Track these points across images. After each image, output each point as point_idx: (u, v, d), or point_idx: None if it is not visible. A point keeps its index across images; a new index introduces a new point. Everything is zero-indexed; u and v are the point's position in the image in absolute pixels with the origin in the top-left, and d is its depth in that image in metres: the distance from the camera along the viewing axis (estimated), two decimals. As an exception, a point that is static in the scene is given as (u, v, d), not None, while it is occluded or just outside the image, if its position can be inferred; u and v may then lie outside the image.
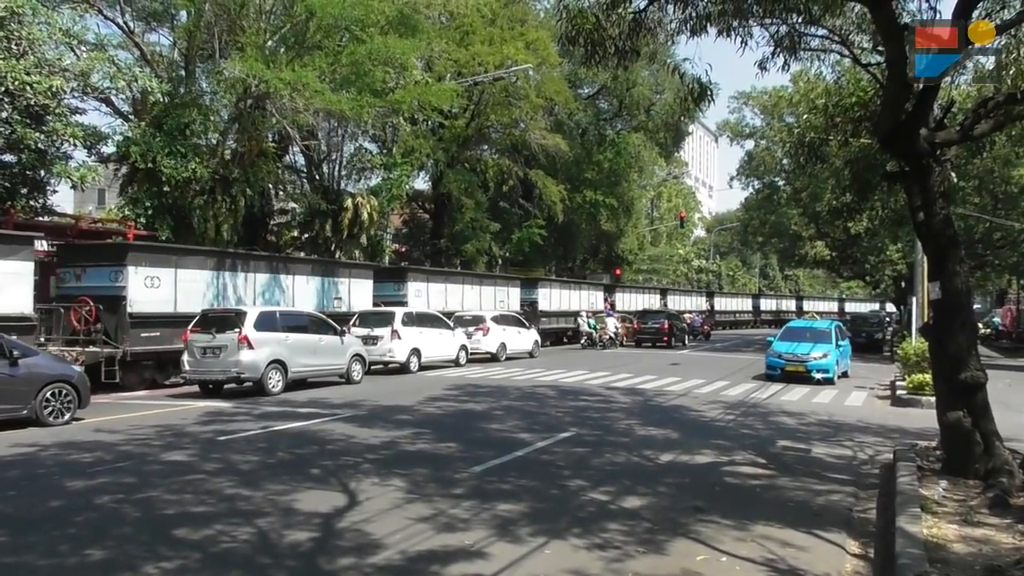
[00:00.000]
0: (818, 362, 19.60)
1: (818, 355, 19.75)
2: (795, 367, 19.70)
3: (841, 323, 23.61)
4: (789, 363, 19.84)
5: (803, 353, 19.93)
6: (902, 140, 8.68)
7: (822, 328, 22.11)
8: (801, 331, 22.04)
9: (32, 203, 18.85)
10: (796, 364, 19.75)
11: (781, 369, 19.85)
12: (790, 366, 19.78)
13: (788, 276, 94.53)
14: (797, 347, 20.26)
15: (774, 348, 20.72)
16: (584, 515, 7.23)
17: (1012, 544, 6.10)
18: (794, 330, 22.55)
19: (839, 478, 9.15)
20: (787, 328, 23.20)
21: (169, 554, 5.96)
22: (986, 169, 28.85)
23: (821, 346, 20.13)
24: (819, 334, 21.20)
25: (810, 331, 21.81)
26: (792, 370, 19.69)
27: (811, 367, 19.52)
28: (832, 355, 19.94)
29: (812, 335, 21.13)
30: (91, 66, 18.45)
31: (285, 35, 22.00)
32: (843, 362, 21.31)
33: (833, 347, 20.25)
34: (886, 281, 43.82)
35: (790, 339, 21.15)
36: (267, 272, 20.74)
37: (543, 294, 36.01)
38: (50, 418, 11.80)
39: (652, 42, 10.90)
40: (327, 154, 29.98)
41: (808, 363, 19.60)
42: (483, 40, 32.59)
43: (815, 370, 19.44)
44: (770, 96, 35.64)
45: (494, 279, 33.10)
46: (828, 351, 19.95)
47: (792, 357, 19.99)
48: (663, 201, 68.99)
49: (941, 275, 8.77)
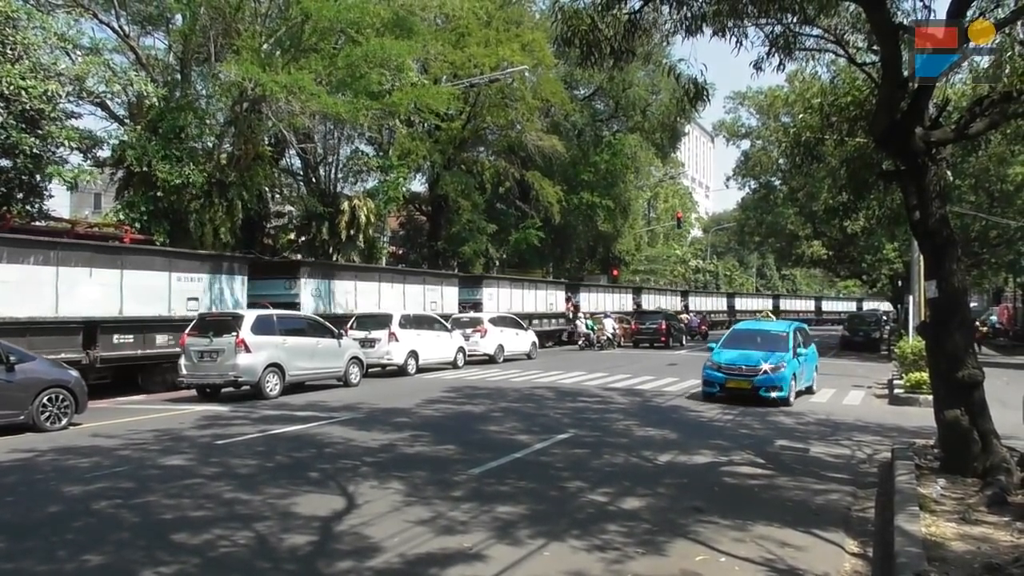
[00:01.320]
0: (769, 376, 15.10)
1: (769, 367, 15.21)
2: (738, 383, 15.40)
3: (804, 325, 19.53)
4: (731, 377, 15.50)
5: (750, 364, 15.45)
6: (898, 139, 8.70)
7: (777, 332, 17.33)
8: (750, 335, 17.44)
9: (28, 208, 18.83)
10: (739, 379, 15.40)
11: (720, 385, 15.59)
12: (732, 381, 15.46)
13: (785, 276, 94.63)
14: (743, 357, 15.82)
15: (713, 358, 16.17)
16: (583, 516, 7.23)
17: (1010, 542, 6.11)
18: (741, 334, 17.85)
19: (837, 477, 9.15)
20: (733, 332, 18.61)
21: (167, 559, 5.95)
22: (982, 167, 28.94)
23: (774, 355, 15.61)
24: (773, 339, 16.65)
25: (761, 335, 17.20)
26: (734, 386, 15.42)
27: (759, 383, 15.11)
28: (788, 367, 15.40)
29: (764, 340, 16.65)
30: (86, 70, 18.44)
31: (281, 38, 22.00)
32: (804, 375, 16.80)
33: (789, 356, 15.71)
34: (883, 280, 43.88)
35: (735, 345, 16.66)
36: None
37: (488, 294, 32.19)
38: (47, 423, 11.76)
39: (647, 43, 10.91)
40: (323, 157, 29.98)
41: (756, 378, 15.16)
42: (479, 42, 32.61)
43: (765, 387, 15.07)
44: (766, 96, 35.70)
45: (423, 276, 29.20)
46: (782, 362, 15.43)
47: (735, 370, 15.57)
48: (660, 202, 69.03)
49: (938, 274, 8.78)
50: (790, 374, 15.37)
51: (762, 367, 15.25)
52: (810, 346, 17.82)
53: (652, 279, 63.92)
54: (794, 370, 15.65)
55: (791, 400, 15.30)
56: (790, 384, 15.31)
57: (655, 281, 63.88)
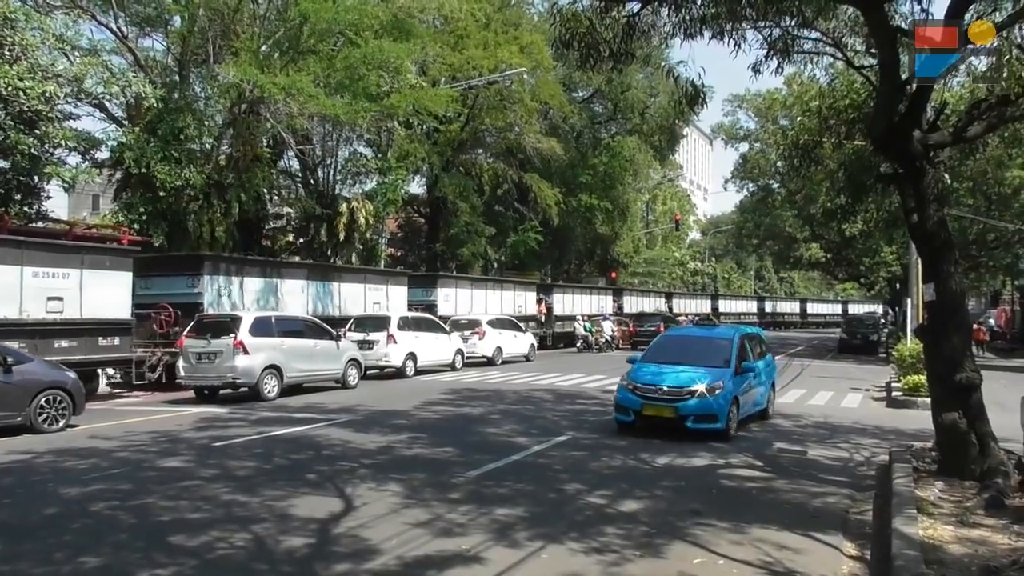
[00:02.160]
0: (699, 402, 11.31)
1: (701, 389, 11.37)
2: (658, 409, 11.53)
3: (759, 331, 16.18)
4: (649, 402, 11.58)
5: (674, 385, 11.61)
6: (896, 142, 8.72)
7: (717, 341, 13.36)
8: (682, 345, 13.58)
9: (26, 209, 18.82)
10: (659, 405, 11.53)
11: (635, 412, 11.73)
12: (650, 407, 11.56)
13: (783, 278, 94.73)
14: (667, 374, 11.93)
15: (630, 375, 12.23)
16: (581, 519, 7.22)
17: (1008, 545, 6.11)
18: (671, 344, 14.06)
19: (835, 480, 9.15)
20: (661, 340, 14.81)
21: (165, 561, 5.94)
22: (979, 171, 29.01)
23: (709, 373, 11.73)
24: (710, 351, 12.79)
25: (697, 345, 13.36)
26: (653, 414, 11.60)
27: (686, 411, 11.31)
28: (726, 387, 11.62)
29: (699, 352, 12.78)
30: (84, 71, 18.45)
31: (279, 40, 22.01)
32: (754, 397, 13.04)
33: (729, 375, 11.92)
34: (881, 283, 43.96)
35: (662, 358, 12.76)
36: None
37: (444, 295, 29.05)
38: (44, 425, 11.74)
39: (646, 45, 10.96)
40: (322, 158, 29.99)
41: (681, 403, 11.36)
42: (477, 44, 32.64)
43: (693, 416, 11.32)
44: (764, 99, 35.84)
45: (363, 274, 25.85)
46: (719, 382, 11.57)
47: (654, 393, 11.60)
48: (658, 204, 69.07)
49: (935, 277, 8.79)
50: (729, 398, 11.52)
51: (691, 389, 11.37)
52: (766, 357, 14.39)
53: (651, 282, 63.94)
54: (736, 392, 11.82)
55: (731, 432, 11.55)
56: (729, 412, 11.46)
57: (653, 283, 63.90)
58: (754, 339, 14.36)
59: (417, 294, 28.12)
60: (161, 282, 19.02)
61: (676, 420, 11.44)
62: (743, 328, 15.36)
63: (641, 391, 11.77)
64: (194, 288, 18.87)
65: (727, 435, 11.57)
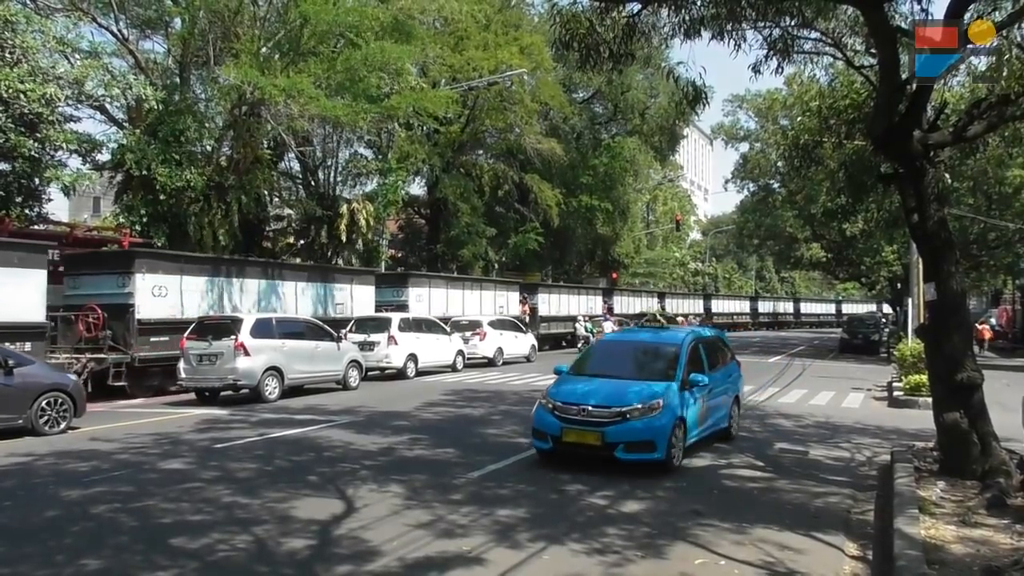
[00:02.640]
0: (630, 425, 9.05)
1: (632, 408, 9.13)
2: (580, 434, 9.23)
3: (719, 334, 13.66)
4: (570, 426, 9.27)
5: (602, 404, 9.28)
6: (896, 142, 8.71)
7: (662, 347, 10.79)
8: (621, 352, 11.18)
9: (27, 211, 18.84)
10: (583, 428, 9.21)
11: (554, 438, 9.41)
12: (571, 432, 9.25)
13: (784, 278, 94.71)
14: (595, 390, 9.64)
15: (551, 391, 9.93)
16: (583, 520, 7.22)
17: (1010, 545, 6.10)
18: (608, 351, 11.59)
19: (837, 480, 9.14)
20: (596, 347, 12.69)
21: (166, 563, 5.94)
22: (980, 170, 28.98)
23: (646, 389, 9.50)
24: (652, 359, 10.57)
25: (639, 353, 10.92)
26: (575, 440, 9.27)
27: (615, 435, 9.02)
28: (668, 405, 9.29)
29: (639, 361, 10.60)
30: (85, 74, 18.47)
31: (280, 42, 22.03)
32: (710, 415, 10.66)
33: (673, 390, 9.55)
34: (882, 282, 43.93)
35: (593, 370, 10.51)
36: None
37: (416, 295, 27.27)
38: (46, 427, 11.75)
39: (646, 46, 10.97)
40: (322, 160, 30.05)
41: (610, 428, 9.06)
42: (477, 45, 32.70)
43: (625, 443, 9.03)
44: (764, 99, 35.85)
45: (322, 272, 23.99)
46: (658, 400, 9.26)
47: (577, 413, 9.29)
48: (659, 204, 69.12)
49: (936, 276, 8.79)
50: (672, 420, 9.22)
51: (621, 409, 9.09)
52: (728, 365, 11.99)
53: (651, 282, 63.94)
54: (683, 412, 9.52)
55: (674, 463, 9.29)
56: (671, 436, 9.14)
57: (654, 284, 63.88)
58: (712, 344, 11.79)
59: (387, 294, 26.61)
60: (90, 281, 17.37)
61: (603, 449, 9.03)
62: (699, 331, 12.43)
63: (562, 411, 9.33)
64: (124, 288, 16.91)
65: (667, 465, 9.13)
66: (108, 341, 16.26)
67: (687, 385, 9.81)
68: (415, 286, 27.58)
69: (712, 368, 10.91)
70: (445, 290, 29.22)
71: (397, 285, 27.33)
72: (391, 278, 27.97)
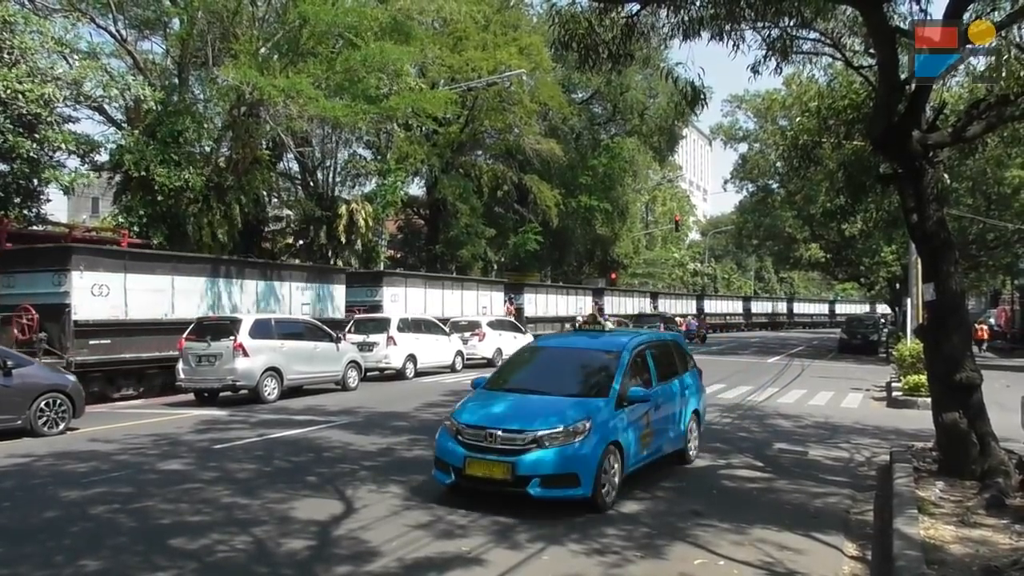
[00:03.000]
0: (545, 454, 7.35)
1: (552, 433, 7.41)
2: (487, 467, 7.51)
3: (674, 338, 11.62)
4: (475, 455, 7.56)
5: (512, 429, 7.56)
6: (895, 142, 8.72)
7: (597, 354, 9.00)
8: (547, 361, 9.35)
9: (25, 212, 18.82)
10: (489, 460, 7.49)
11: (456, 470, 7.68)
12: (475, 464, 7.54)
13: (783, 278, 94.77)
14: (509, 411, 7.95)
15: (457, 412, 8.20)
16: (582, 520, 7.21)
17: (1009, 545, 6.10)
18: (534, 359, 9.62)
19: (836, 480, 9.15)
20: (520, 355, 10.13)
21: (165, 564, 5.93)
22: (979, 170, 29.04)
23: (571, 409, 7.72)
24: (584, 369, 8.76)
25: (568, 361, 9.14)
26: (481, 474, 7.55)
27: (528, 468, 7.32)
28: (596, 428, 7.57)
29: (569, 372, 8.77)
30: (84, 74, 18.45)
31: (279, 42, 22.02)
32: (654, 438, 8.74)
33: (604, 406, 7.86)
34: (881, 283, 43.95)
35: (513, 384, 8.80)
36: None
37: (391, 295, 25.87)
38: (44, 428, 11.74)
39: (645, 46, 10.94)
40: (321, 161, 30.04)
41: (521, 458, 7.36)
42: (476, 46, 32.70)
43: (538, 476, 7.31)
44: (763, 99, 35.85)
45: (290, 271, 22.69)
46: (584, 421, 7.56)
47: (483, 438, 7.59)
48: (658, 205, 69.17)
49: (935, 276, 8.79)
50: (601, 447, 7.46)
51: (536, 434, 7.35)
52: (683, 375, 10.01)
53: (651, 282, 63.95)
54: (617, 435, 7.76)
55: (604, 501, 7.51)
56: (599, 466, 7.40)
57: (653, 284, 63.88)
58: (664, 350, 9.91)
59: (360, 294, 25.36)
60: (24, 280, 16.12)
61: (512, 483, 7.26)
62: (647, 335, 10.59)
63: (466, 437, 7.56)
64: (60, 287, 15.62)
65: (597, 505, 7.40)
66: (43, 344, 14.92)
67: (626, 401, 8.02)
68: (390, 285, 26.33)
69: (663, 379, 9.26)
70: (423, 290, 28.02)
71: (370, 284, 26.07)
72: (364, 277, 26.61)
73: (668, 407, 9.23)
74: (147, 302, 17.09)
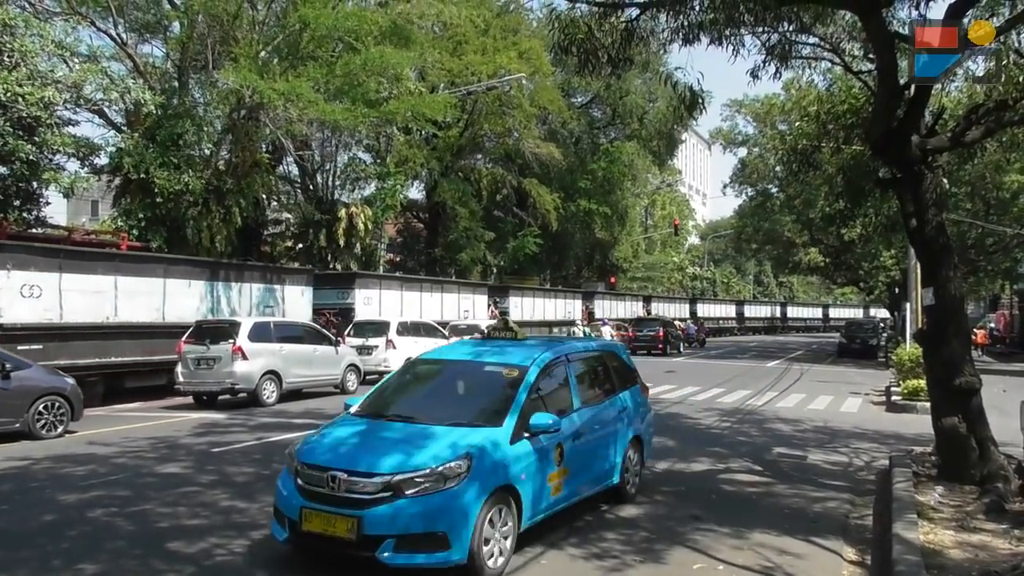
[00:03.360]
0: (407, 503, 5.44)
1: (413, 477, 5.52)
2: (325, 519, 5.54)
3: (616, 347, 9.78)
4: (313, 504, 5.63)
5: (360, 471, 5.58)
6: (894, 147, 8.73)
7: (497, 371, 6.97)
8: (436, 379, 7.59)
9: (25, 215, 18.82)
10: (328, 512, 5.54)
11: (291, 523, 5.77)
12: (313, 515, 5.59)
13: (782, 283, 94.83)
14: (369, 442, 6.07)
15: (300, 446, 6.21)
16: (581, 524, 7.20)
17: (1008, 550, 6.10)
18: (420, 376, 7.66)
19: (835, 485, 9.15)
20: (405, 369, 7.87)
21: (163, 567, 5.92)
22: (978, 175, 29.04)
23: (450, 439, 5.87)
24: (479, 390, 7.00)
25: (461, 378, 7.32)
26: (319, 529, 5.57)
27: (376, 524, 5.39)
28: (479, 472, 5.67)
29: (462, 394, 7.16)
30: (84, 78, 18.47)
31: (279, 46, 22.05)
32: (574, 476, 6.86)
33: (494, 440, 5.99)
34: (880, 287, 43.97)
35: (390, 408, 6.84)
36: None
37: (364, 297, 24.60)
38: (43, 431, 11.72)
39: (645, 51, 10.98)
40: (321, 164, 30.04)
41: (370, 511, 5.43)
42: (476, 50, 32.76)
43: (392, 537, 5.38)
44: (762, 104, 35.94)
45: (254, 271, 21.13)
46: (458, 459, 5.65)
47: (325, 483, 5.62)
48: (657, 209, 69.24)
49: (934, 281, 8.80)
50: (483, 493, 5.72)
51: (392, 478, 5.56)
52: (621, 393, 8.16)
53: (650, 286, 63.97)
54: (506, 481, 5.94)
55: (488, 566, 5.73)
56: (480, 521, 5.65)
57: (652, 288, 63.90)
58: (594, 364, 8.17)
59: (330, 296, 24.03)
60: None
61: (358, 545, 5.47)
62: (572, 344, 8.40)
63: (305, 479, 5.81)
64: None
65: (471, 569, 5.58)
66: None
67: (527, 432, 6.18)
68: (363, 287, 24.97)
69: (591, 400, 7.55)
70: (399, 292, 26.64)
71: (343, 286, 24.79)
72: (336, 278, 25.43)
73: (595, 435, 7.31)
74: (86, 304, 15.68)
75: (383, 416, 6.63)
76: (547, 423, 6.32)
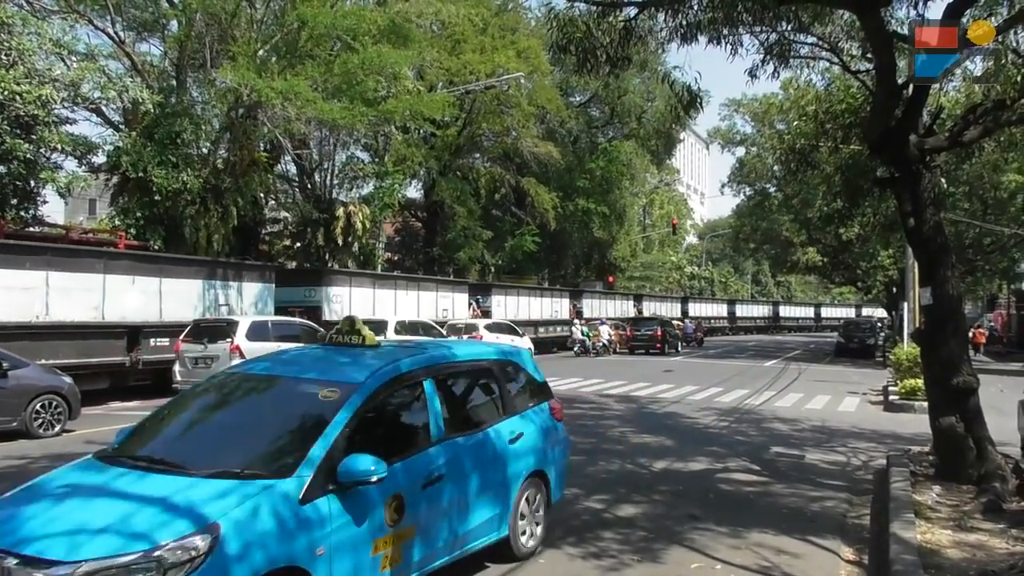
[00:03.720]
0: None
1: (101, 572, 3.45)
2: None
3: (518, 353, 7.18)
4: None
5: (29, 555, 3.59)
6: (892, 146, 8.73)
7: (315, 391, 4.84)
8: (232, 406, 5.33)
9: (22, 214, 18.78)
10: None
11: None
12: None
13: (780, 282, 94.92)
14: (55, 516, 3.90)
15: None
16: (579, 524, 7.20)
17: (1006, 549, 6.10)
18: (217, 393, 5.45)
19: (833, 484, 9.15)
20: (207, 383, 5.68)
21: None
22: (976, 175, 29.09)
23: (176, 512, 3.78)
24: (280, 419, 4.89)
25: (269, 404, 5.16)
26: None
27: None
28: (208, 562, 3.57)
29: (255, 426, 4.95)
30: (81, 76, 18.43)
31: (277, 44, 22.03)
32: (425, 540, 4.88)
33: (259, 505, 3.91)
34: (878, 287, 44.04)
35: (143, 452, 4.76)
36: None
37: (334, 295, 23.73)
38: (40, 430, 11.70)
39: (643, 50, 10.97)
40: (319, 163, 30.00)
41: None
42: (474, 49, 32.73)
43: None
44: (760, 103, 35.99)
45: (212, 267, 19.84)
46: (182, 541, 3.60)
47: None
48: (655, 208, 69.29)
49: (932, 281, 8.80)
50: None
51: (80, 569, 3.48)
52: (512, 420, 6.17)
53: (648, 286, 64.01)
54: (286, 562, 3.92)
55: None
56: None
57: (651, 288, 63.94)
58: (476, 377, 6.30)
59: (297, 294, 22.83)
60: None
61: None
62: (443, 349, 6.24)
63: None
64: None
65: None
66: None
67: (333, 484, 4.31)
68: (331, 284, 23.61)
69: (466, 428, 5.70)
70: (372, 290, 25.19)
71: (310, 283, 23.42)
72: (303, 275, 24.30)
73: (466, 475, 5.41)
74: (12, 301, 14.36)
75: (128, 458, 4.70)
76: (364, 469, 4.30)
